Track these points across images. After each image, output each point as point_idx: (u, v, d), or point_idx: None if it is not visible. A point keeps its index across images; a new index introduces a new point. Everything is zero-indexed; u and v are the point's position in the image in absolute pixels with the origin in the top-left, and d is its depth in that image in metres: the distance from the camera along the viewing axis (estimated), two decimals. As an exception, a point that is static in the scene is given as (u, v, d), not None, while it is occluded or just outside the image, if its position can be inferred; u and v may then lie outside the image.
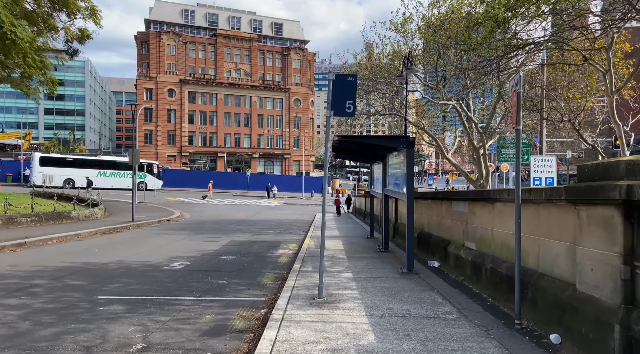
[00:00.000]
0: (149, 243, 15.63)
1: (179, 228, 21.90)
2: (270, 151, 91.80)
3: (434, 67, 20.73)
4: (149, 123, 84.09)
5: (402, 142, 9.23)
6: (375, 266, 10.39)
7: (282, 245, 15.72)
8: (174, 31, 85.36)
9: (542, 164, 18.43)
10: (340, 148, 13.15)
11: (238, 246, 15.08)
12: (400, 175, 10.86)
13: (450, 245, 9.60)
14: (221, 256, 12.82)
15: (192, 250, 13.85)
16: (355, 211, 35.55)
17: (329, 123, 7.30)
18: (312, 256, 11.97)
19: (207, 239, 17.14)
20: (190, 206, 37.06)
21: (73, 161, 51.80)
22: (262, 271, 10.55)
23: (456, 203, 9.28)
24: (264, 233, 20.01)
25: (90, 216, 24.72)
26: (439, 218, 10.72)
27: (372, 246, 14.36)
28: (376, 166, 16.31)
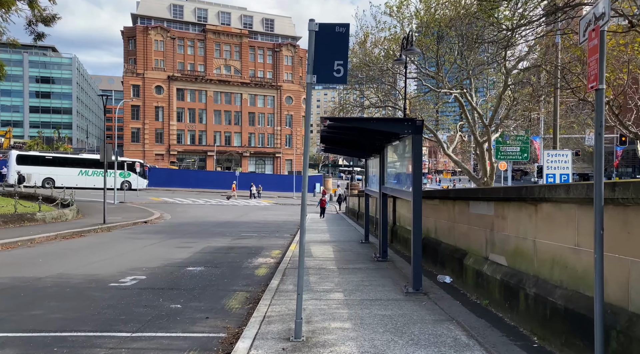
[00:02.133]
0: (110, 250, 13.53)
1: (154, 231, 19.80)
2: (262, 150, 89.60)
3: (434, 54, 18.76)
4: (135, 121, 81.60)
5: (407, 126, 7.24)
6: (373, 282, 8.38)
7: (264, 252, 13.68)
8: (161, 26, 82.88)
9: (556, 159, 16.56)
10: (330, 138, 11.13)
11: (212, 254, 13.02)
12: (403, 169, 8.87)
13: (467, 257, 7.61)
14: (188, 267, 10.76)
15: (157, 259, 11.78)
16: (348, 211, 33.57)
17: (310, 92, 5.26)
18: (296, 268, 9.93)
19: (180, 244, 15.08)
20: (173, 207, 34.90)
21: (53, 159, 49.40)
22: (232, 289, 8.50)
23: (475, 204, 7.29)
24: (246, 236, 17.95)
25: (59, 218, 22.56)
26: (450, 222, 8.73)
27: (368, 254, 12.35)
28: (372, 161, 14.30)
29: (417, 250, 7.38)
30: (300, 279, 5.24)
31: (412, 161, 7.39)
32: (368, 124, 7.41)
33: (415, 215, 7.36)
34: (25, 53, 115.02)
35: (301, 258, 5.42)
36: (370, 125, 7.40)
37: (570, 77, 14.64)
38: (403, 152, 8.82)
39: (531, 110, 19.32)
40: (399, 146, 9.11)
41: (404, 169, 8.75)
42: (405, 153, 8.64)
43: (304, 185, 5.47)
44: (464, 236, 7.93)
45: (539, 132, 31.12)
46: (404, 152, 8.67)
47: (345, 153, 14.79)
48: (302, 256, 5.55)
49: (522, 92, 17.94)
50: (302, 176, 5.41)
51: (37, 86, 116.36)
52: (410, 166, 7.93)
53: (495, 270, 6.36)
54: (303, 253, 5.40)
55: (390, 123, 7.45)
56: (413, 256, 7.37)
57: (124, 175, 49.82)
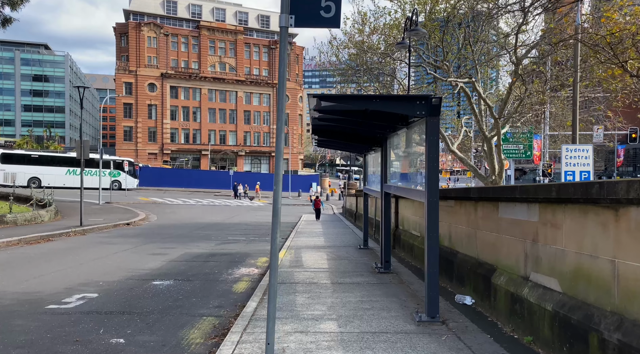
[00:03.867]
0: (73, 258, 11.82)
1: (133, 234, 18.09)
2: (257, 148, 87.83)
3: (439, 41, 17.07)
4: (128, 119, 79.75)
5: (420, 106, 5.57)
6: (375, 304, 6.70)
7: (249, 260, 11.98)
8: (154, 23, 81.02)
9: (576, 154, 14.92)
10: (324, 128, 9.44)
11: (188, 263, 11.31)
12: (412, 164, 7.20)
13: (495, 274, 5.95)
14: (154, 281, 9.06)
15: (121, 270, 10.08)
16: (345, 212, 31.88)
17: (285, 43, 3.58)
18: (283, 283, 8.25)
19: (156, 250, 13.39)
20: (162, 208, 33.17)
21: (39, 158, 47.56)
22: (199, 312, 6.80)
23: (508, 206, 5.63)
24: (232, 240, 16.26)
25: (33, 220, 20.87)
26: (471, 229, 7.06)
27: (367, 263, 10.67)
28: (372, 156, 12.63)
29: (432, 266, 5.70)
30: (269, 334, 3.55)
31: (427, 152, 5.72)
32: (369, 103, 5.73)
33: (430, 221, 5.69)
34: (17, 50, 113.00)
35: (272, 280, 3.76)
36: (372, 104, 5.71)
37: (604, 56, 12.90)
38: (411, 141, 7.14)
39: (543, 102, 17.63)
40: (406, 135, 7.43)
41: (413, 163, 7.08)
42: (414, 143, 6.97)
43: (277, 180, 3.83)
44: (491, 248, 6.26)
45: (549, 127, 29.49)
46: (413, 141, 7.00)
47: (341, 147, 13.09)
48: (274, 276, 3.88)
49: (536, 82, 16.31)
50: (275, 167, 3.79)
51: (29, 84, 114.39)
52: (423, 159, 6.27)
53: (542, 296, 4.69)
54: (274, 299, 3.74)
55: (397, 102, 5.77)
56: (428, 274, 5.69)
57: (114, 175, 48.06)
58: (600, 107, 17.70)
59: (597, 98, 18.81)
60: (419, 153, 6.76)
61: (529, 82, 17.38)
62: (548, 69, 18.17)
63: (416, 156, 6.97)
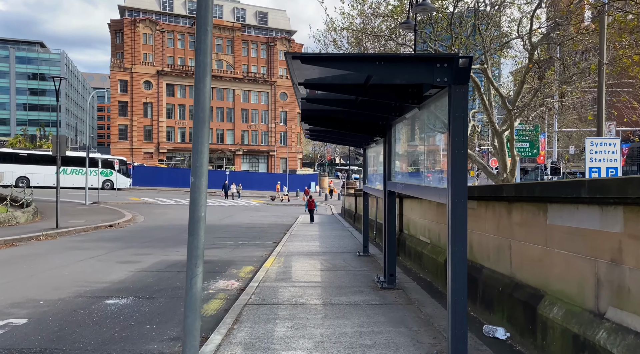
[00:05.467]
0: (27, 267, 10.20)
1: (111, 238, 16.50)
2: (255, 147, 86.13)
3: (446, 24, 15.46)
4: (123, 117, 78.07)
5: (442, 70, 3.97)
6: (379, 338, 5.08)
7: (231, 270, 10.37)
8: (150, 19, 79.33)
9: (602, 149, 13.30)
10: (316, 115, 7.83)
11: (159, 274, 9.70)
12: (427, 154, 5.60)
13: (544, 303, 4.33)
14: (108, 299, 7.44)
15: (75, 284, 8.47)
16: (344, 213, 30.25)
17: None
18: (262, 305, 6.63)
19: (128, 258, 11.78)
20: (151, 208, 31.56)
21: (28, 157, 45.90)
22: (146, 349, 5.17)
23: (564, 210, 4.02)
24: (218, 245, 14.65)
25: (6, 221, 19.30)
26: (503, 238, 5.45)
27: (368, 275, 9.05)
28: (372, 149, 11.02)
29: (458, 292, 4.08)
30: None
31: (451, 135, 4.11)
32: (370, 67, 4.10)
33: (456, 230, 4.08)
34: (12, 48, 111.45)
35: None
36: (374, 68, 4.09)
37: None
38: (424, 125, 5.53)
39: (563, 92, 15.97)
40: (417, 117, 5.82)
41: (427, 155, 5.47)
42: (428, 127, 5.36)
43: (198, 171, 2.26)
44: (535, 265, 4.64)
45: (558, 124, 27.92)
46: (427, 124, 5.39)
47: (337, 139, 11.43)
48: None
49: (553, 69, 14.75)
50: (192, 155, 2.31)
51: (25, 83, 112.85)
52: (442, 146, 4.68)
53: (635, 348, 3.07)
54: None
55: (409, 65, 4.11)
56: (452, 304, 4.07)
57: (105, 174, 46.50)
58: (625, 97, 16.04)
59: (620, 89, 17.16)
60: (435, 140, 5.15)
61: (546, 69, 15.77)
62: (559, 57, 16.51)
63: (431, 144, 5.36)
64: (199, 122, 3.41)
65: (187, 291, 2.78)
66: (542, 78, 16.02)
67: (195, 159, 3.16)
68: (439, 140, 5.01)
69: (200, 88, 3.43)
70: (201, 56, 3.61)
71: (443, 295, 7.28)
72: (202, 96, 3.41)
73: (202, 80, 3.46)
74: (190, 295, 2.82)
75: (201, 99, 3.44)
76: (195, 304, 2.83)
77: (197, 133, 3.33)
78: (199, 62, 3.51)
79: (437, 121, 4.90)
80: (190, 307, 3.04)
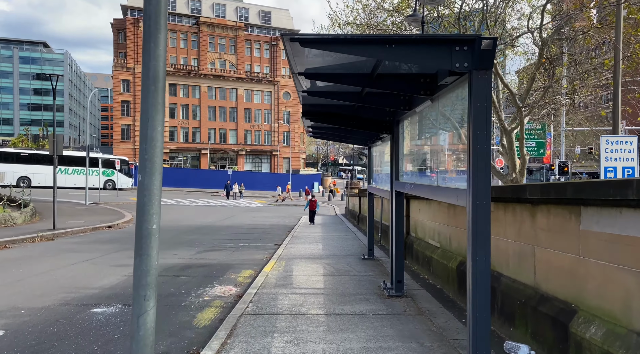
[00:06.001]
0: (15, 271, 9.73)
1: (108, 239, 16.05)
2: (258, 147, 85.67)
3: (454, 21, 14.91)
4: (126, 117, 77.85)
5: (462, 53, 3.46)
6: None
7: (229, 274, 9.86)
8: (153, 18, 78.88)
9: (618, 147, 12.73)
10: (316, 109, 7.32)
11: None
12: (438, 151, 5.08)
13: (579, 320, 3.80)
14: (96, 307, 6.95)
15: (63, 290, 7.99)
16: (347, 213, 29.72)
17: None
18: (260, 315, 6.13)
19: (123, 260, 11.31)
20: (152, 208, 31.06)
21: (29, 157, 45.59)
22: (128, 367, 4.70)
23: (602, 213, 3.50)
24: (218, 247, 14.15)
25: (3, 222, 18.92)
26: (525, 244, 4.91)
27: (373, 281, 8.52)
28: (377, 148, 10.50)
29: (480, 309, 3.55)
30: None
31: (472, 128, 3.60)
32: (380, 50, 3.57)
33: (477, 236, 3.55)
34: (16, 48, 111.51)
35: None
36: (384, 52, 3.56)
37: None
38: (438, 119, 5.00)
39: (575, 88, 15.37)
40: (428, 111, 5.30)
41: (440, 151, 4.94)
42: (442, 120, 4.83)
43: (148, 169, 1.71)
44: (565, 276, 4.10)
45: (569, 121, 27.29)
46: (441, 118, 4.86)
47: (340, 137, 10.86)
48: None
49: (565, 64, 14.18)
50: (140, 154, 1.67)
51: (28, 83, 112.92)
52: (463, 141, 4.17)
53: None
54: None
55: (424, 47, 3.57)
56: (474, 322, 3.54)
57: (107, 174, 46.18)
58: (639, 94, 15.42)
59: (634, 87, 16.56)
60: (451, 136, 4.63)
61: (557, 65, 15.18)
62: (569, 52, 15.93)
63: (445, 141, 4.84)
64: (150, 95, 2.55)
65: (134, 334, 2.00)
66: (552, 74, 15.45)
67: (145, 149, 2.34)
68: (455, 135, 4.49)
69: (151, 49, 2.54)
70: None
71: (456, 304, 6.76)
72: (155, 60, 2.54)
73: (154, 37, 2.59)
74: (137, 339, 2.02)
75: (152, 64, 2.56)
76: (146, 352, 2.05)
77: (148, 112, 2.48)
78: (149, 12, 2.63)
79: (454, 114, 4.37)
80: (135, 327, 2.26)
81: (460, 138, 4.32)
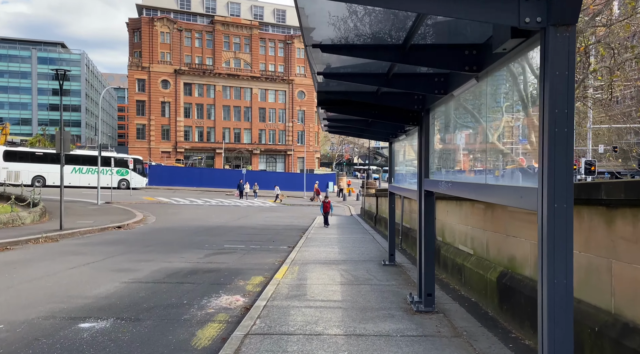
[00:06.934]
0: (8, 276, 9.02)
1: (114, 241, 15.37)
2: (272, 147, 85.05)
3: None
4: (141, 116, 77.82)
5: (533, 5, 2.54)
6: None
7: (238, 280, 9.01)
8: (168, 17, 78.93)
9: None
10: (333, 98, 6.42)
11: (155, 286, 8.40)
12: (485, 140, 4.15)
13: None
14: (85, 321, 6.14)
15: (53, 299, 7.22)
16: (363, 214, 28.74)
17: None
18: (268, 335, 5.24)
19: (125, 265, 10.55)
20: (165, 208, 30.54)
21: (43, 156, 45.49)
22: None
23: None
24: (227, 250, 13.34)
25: (10, 222, 18.40)
26: (598, 258, 3.94)
27: (397, 292, 7.57)
28: (399, 143, 9.54)
29: (561, 347, 2.61)
30: None
31: (547, 106, 2.66)
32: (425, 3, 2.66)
33: (554, 249, 2.62)
34: (34, 49, 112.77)
35: None
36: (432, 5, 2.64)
37: None
38: (487, 99, 4.06)
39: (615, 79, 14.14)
40: (473, 92, 4.36)
41: (496, 139, 4.00)
42: (489, 102, 3.89)
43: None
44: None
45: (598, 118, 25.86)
46: (493, 98, 3.92)
47: (359, 131, 9.85)
48: None
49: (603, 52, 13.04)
50: None
51: (46, 83, 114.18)
52: (525, 125, 3.25)
53: None
54: None
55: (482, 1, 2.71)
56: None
57: (121, 173, 45.93)
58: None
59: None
60: (506, 121, 3.69)
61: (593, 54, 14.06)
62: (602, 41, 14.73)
63: (499, 127, 3.90)
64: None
65: None
66: (588, 65, 14.30)
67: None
68: (512, 120, 3.55)
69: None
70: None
71: (497, 323, 5.79)
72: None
73: None
74: None
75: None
76: None
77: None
78: None
79: (513, 91, 3.43)
80: None
81: (521, 123, 3.39)
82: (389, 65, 4.76)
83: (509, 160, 3.74)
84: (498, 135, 3.91)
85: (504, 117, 3.77)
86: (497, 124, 3.91)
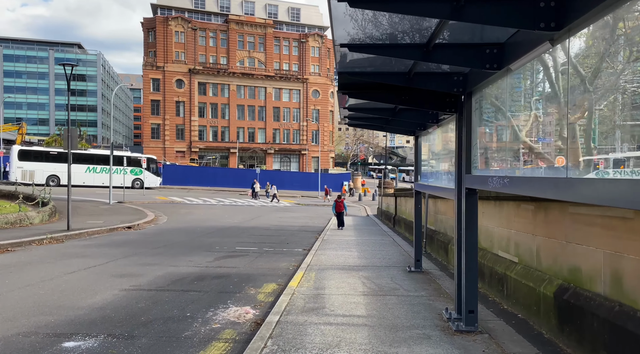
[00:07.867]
0: (1, 282, 8.29)
1: (121, 242, 14.64)
2: (287, 146, 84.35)
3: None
4: (155, 116, 77.78)
5: None
6: None
7: (248, 288, 8.13)
8: (182, 17, 78.77)
9: None
10: (356, 81, 5.50)
11: (157, 294, 7.57)
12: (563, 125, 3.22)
13: None
14: (69, 340, 5.31)
15: (40, 310, 6.43)
16: (381, 214, 27.73)
17: None
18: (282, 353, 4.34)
19: (128, 269, 9.77)
20: (177, 208, 29.93)
21: (58, 155, 45.37)
22: None
23: None
24: (239, 253, 12.50)
25: (18, 222, 17.86)
26: None
27: (429, 304, 6.61)
28: (426, 137, 8.57)
29: None
30: None
31: None
32: None
33: None
34: (51, 50, 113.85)
35: None
36: None
37: None
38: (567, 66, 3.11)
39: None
40: (546, 60, 3.42)
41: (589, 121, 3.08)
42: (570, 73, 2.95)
43: None
44: None
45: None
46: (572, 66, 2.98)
47: (383, 121, 8.73)
48: None
49: None
50: None
51: (63, 83, 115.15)
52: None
53: None
54: None
55: None
56: None
57: (135, 172, 45.59)
58: None
59: None
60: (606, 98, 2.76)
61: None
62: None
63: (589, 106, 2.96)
64: None
65: None
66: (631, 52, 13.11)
67: None
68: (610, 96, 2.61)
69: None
70: None
71: (556, 347, 4.80)
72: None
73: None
74: None
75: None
76: None
77: None
78: None
79: (605, 56, 2.49)
80: None
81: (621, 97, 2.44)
82: (430, 33, 3.83)
83: (606, 150, 2.79)
84: (588, 115, 2.96)
85: (603, 90, 2.83)
86: (588, 103, 2.96)
